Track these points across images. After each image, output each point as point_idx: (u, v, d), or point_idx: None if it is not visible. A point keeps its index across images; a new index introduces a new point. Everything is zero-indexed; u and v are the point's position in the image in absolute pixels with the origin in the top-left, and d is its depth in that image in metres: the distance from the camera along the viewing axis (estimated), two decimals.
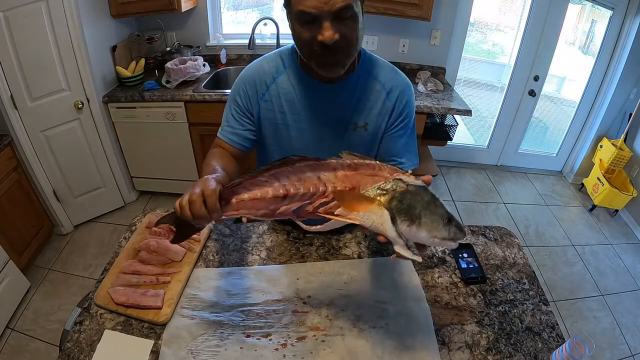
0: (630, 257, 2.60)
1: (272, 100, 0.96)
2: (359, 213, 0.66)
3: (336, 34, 0.75)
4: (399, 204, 0.64)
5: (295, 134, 0.98)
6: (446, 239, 0.64)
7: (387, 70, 0.96)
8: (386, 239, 0.66)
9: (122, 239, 1.08)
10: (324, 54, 0.78)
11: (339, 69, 0.82)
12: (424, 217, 0.63)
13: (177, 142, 2.48)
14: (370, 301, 0.92)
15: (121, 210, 2.68)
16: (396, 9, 2.28)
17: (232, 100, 0.99)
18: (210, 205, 0.68)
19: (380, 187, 0.67)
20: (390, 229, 0.64)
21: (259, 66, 0.97)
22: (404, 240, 0.65)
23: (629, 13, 2.65)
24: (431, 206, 0.64)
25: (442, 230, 0.63)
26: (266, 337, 0.83)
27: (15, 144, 2.05)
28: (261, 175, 0.71)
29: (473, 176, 3.31)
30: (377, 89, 0.94)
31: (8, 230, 1.99)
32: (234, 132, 0.99)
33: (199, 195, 0.68)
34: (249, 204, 0.71)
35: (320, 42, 0.76)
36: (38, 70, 1.98)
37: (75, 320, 0.87)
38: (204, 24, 2.71)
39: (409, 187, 0.66)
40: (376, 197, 0.66)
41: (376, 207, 0.65)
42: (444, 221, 0.64)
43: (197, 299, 0.91)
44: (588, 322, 2.12)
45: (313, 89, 0.93)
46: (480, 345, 0.84)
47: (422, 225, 0.63)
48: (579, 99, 3.10)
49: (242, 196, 0.71)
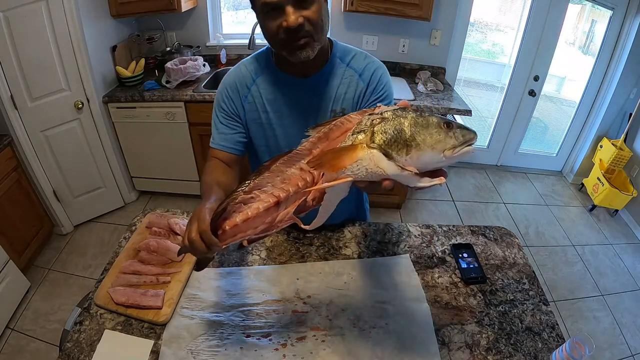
0: (630, 257, 2.60)
1: (255, 101, 0.98)
2: (347, 168, 0.57)
3: (299, 17, 0.78)
4: (384, 135, 0.55)
5: (280, 132, 1.00)
6: (457, 145, 0.54)
7: (359, 56, 0.98)
8: (393, 181, 0.57)
9: (122, 239, 1.08)
10: (291, 39, 0.81)
11: (308, 51, 0.84)
12: (418, 135, 0.54)
13: (177, 142, 2.48)
14: (370, 301, 0.92)
15: (121, 210, 2.68)
16: (396, 9, 2.28)
17: (217, 108, 1.01)
18: (207, 241, 0.67)
19: (355, 131, 0.59)
20: (389, 166, 0.54)
21: (237, 71, 1.00)
22: (412, 171, 0.54)
23: (629, 13, 2.65)
24: (420, 121, 0.55)
25: (447, 139, 0.54)
26: (266, 337, 0.83)
27: (15, 144, 2.05)
28: (244, 193, 0.68)
29: (473, 176, 3.31)
30: (350, 74, 0.97)
31: (8, 230, 1.99)
32: (224, 137, 1.00)
33: (197, 233, 0.67)
34: (244, 226, 0.67)
35: (285, 28, 0.79)
36: (38, 70, 1.98)
37: (75, 320, 0.87)
38: (204, 24, 2.72)
39: (384, 115, 0.58)
40: (356, 142, 0.58)
41: (361, 152, 0.56)
42: (444, 128, 0.54)
43: (197, 299, 0.91)
44: (588, 322, 2.12)
45: (291, 85, 0.96)
46: (480, 345, 0.84)
47: (422, 145, 0.53)
48: (579, 99, 3.10)
49: (233, 220, 0.67)
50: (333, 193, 0.64)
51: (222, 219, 0.69)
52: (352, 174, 0.57)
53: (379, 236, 1.12)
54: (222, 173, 0.95)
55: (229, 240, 0.69)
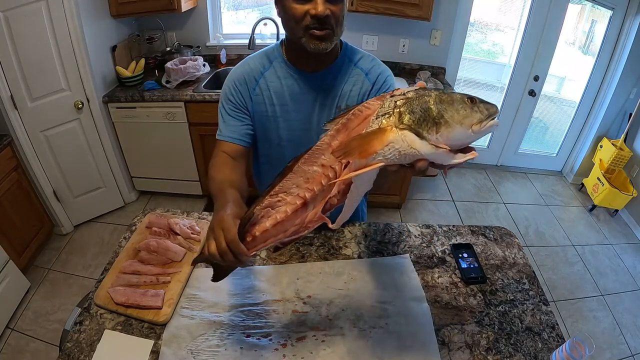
0: (630, 257, 2.60)
1: (263, 94, 0.99)
2: (378, 153, 0.55)
3: (327, 9, 0.83)
4: (412, 115, 0.54)
5: (283, 125, 1.01)
6: (484, 120, 0.53)
7: (366, 58, 1.02)
8: (427, 161, 0.55)
9: (122, 239, 1.07)
10: (315, 28, 0.85)
11: (327, 43, 0.88)
12: (446, 112, 0.53)
13: (177, 142, 2.48)
14: (370, 301, 0.92)
15: (121, 210, 2.68)
16: (396, 9, 2.28)
17: (224, 100, 1.01)
18: (235, 250, 0.65)
19: (379, 115, 0.58)
20: (423, 145, 0.53)
21: (245, 65, 1.02)
22: (445, 148, 0.53)
23: (629, 13, 2.65)
24: (445, 97, 0.55)
25: (473, 114, 0.53)
26: (266, 337, 0.83)
27: (15, 144, 2.05)
28: (270, 196, 0.67)
29: (473, 176, 3.31)
30: (357, 73, 0.99)
31: (8, 230, 1.99)
32: (232, 129, 1.00)
33: (225, 243, 0.66)
34: (274, 230, 0.66)
35: (313, 16, 0.83)
36: (38, 70, 1.98)
37: (75, 320, 0.87)
38: (204, 24, 2.72)
39: (408, 95, 0.57)
40: (383, 125, 0.56)
41: (392, 134, 0.54)
42: (468, 103, 0.54)
43: (197, 299, 0.91)
44: (588, 322, 2.12)
45: (299, 79, 0.98)
46: (480, 345, 0.84)
47: (451, 122, 0.53)
48: (579, 99, 3.10)
49: (263, 226, 0.66)
50: (360, 182, 0.62)
51: (251, 224, 0.67)
52: (383, 158, 0.55)
53: (379, 236, 1.12)
54: (231, 170, 0.95)
55: (260, 246, 0.68)
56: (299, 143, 1.02)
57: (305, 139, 1.00)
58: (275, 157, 1.07)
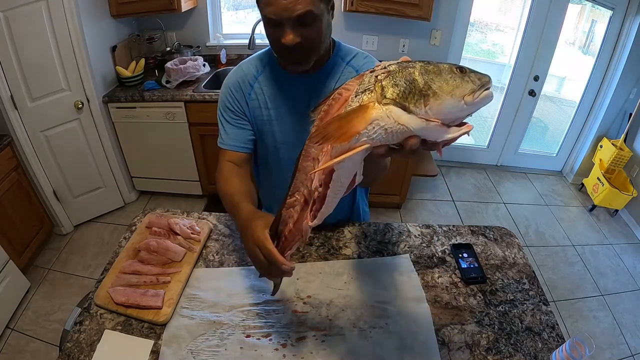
0: (630, 257, 2.60)
1: (258, 99, 0.99)
2: (361, 132, 0.49)
3: (297, 37, 0.80)
4: (395, 88, 0.49)
5: (278, 129, 1.01)
6: (476, 90, 0.48)
7: (359, 56, 1.00)
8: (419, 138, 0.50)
9: (122, 239, 1.07)
10: (288, 54, 0.85)
11: (303, 66, 0.87)
12: (433, 83, 0.48)
13: (177, 142, 2.48)
14: (370, 301, 0.92)
15: (121, 210, 2.68)
16: (396, 9, 2.28)
17: (222, 108, 1.02)
18: (275, 263, 0.69)
19: (359, 92, 0.52)
20: (411, 120, 0.48)
21: (239, 70, 1.01)
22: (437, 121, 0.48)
23: (629, 13, 2.65)
24: (431, 68, 0.50)
25: (464, 84, 0.48)
26: (266, 337, 0.83)
27: (15, 144, 2.05)
28: (289, 197, 0.68)
29: (473, 176, 3.31)
30: (349, 71, 0.99)
31: (8, 230, 1.99)
32: (234, 137, 1.01)
33: (265, 261, 0.70)
34: (295, 230, 0.67)
35: (283, 44, 0.81)
36: (38, 70, 1.98)
37: (75, 320, 0.87)
38: (204, 24, 2.72)
39: (389, 68, 0.51)
40: (366, 102, 0.50)
41: (375, 111, 0.49)
42: (457, 73, 0.49)
43: (197, 299, 0.91)
44: (588, 322, 2.12)
45: (291, 82, 0.98)
46: (480, 345, 0.84)
47: (439, 93, 0.48)
48: (579, 99, 3.10)
49: (289, 226, 0.68)
50: (344, 171, 0.56)
51: (283, 224, 0.69)
52: (368, 139, 0.50)
53: (379, 236, 1.12)
54: (239, 180, 0.97)
55: (293, 245, 0.69)
56: (294, 145, 1.01)
57: (299, 141, 0.98)
58: (271, 159, 1.07)
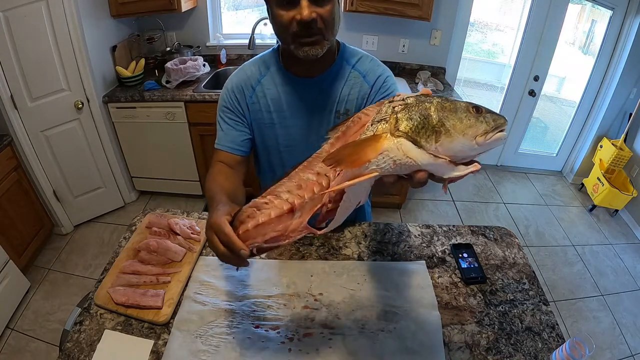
0: (630, 257, 2.60)
1: (259, 102, 0.98)
2: (371, 161, 0.51)
3: (313, 12, 0.78)
4: (409, 121, 0.50)
5: (281, 132, 1.00)
6: (489, 131, 0.49)
7: (364, 59, 0.99)
8: (427, 173, 0.51)
9: (122, 239, 1.07)
10: (302, 34, 0.81)
11: (317, 49, 0.84)
12: (447, 120, 0.49)
13: (177, 142, 2.48)
14: (381, 305, 0.91)
15: (121, 210, 2.68)
16: (396, 9, 2.28)
17: (222, 109, 1.01)
18: (232, 248, 0.63)
19: (375, 121, 0.53)
20: (420, 155, 0.49)
21: (242, 72, 1.00)
22: (445, 158, 0.49)
23: (629, 13, 2.65)
24: (447, 105, 0.50)
25: (478, 124, 0.49)
26: (274, 330, 0.84)
27: (15, 144, 2.05)
28: (260, 198, 0.66)
29: (473, 176, 3.30)
30: (355, 76, 0.97)
31: (8, 230, 1.99)
32: (230, 138, 1.00)
33: (223, 246, 0.65)
34: (254, 232, 0.64)
35: (299, 21, 0.79)
36: (38, 70, 1.98)
37: (75, 320, 0.87)
38: (204, 24, 2.72)
39: (407, 101, 0.53)
40: (378, 132, 0.52)
41: (386, 142, 0.50)
42: (473, 113, 0.49)
43: (212, 287, 0.93)
44: (588, 322, 2.12)
45: (296, 85, 0.96)
46: (480, 345, 0.84)
47: (452, 132, 0.48)
48: (579, 99, 3.10)
49: (245, 226, 0.64)
50: (353, 193, 0.58)
51: (239, 221, 0.66)
52: (377, 168, 0.51)
53: (379, 236, 1.12)
54: (225, 178, 0.95)
55: (247, 244, 0.65)
56: (298, 149, 1.01)
57: (303, 145, 0.99)
58: (275, 163, 1.07)
